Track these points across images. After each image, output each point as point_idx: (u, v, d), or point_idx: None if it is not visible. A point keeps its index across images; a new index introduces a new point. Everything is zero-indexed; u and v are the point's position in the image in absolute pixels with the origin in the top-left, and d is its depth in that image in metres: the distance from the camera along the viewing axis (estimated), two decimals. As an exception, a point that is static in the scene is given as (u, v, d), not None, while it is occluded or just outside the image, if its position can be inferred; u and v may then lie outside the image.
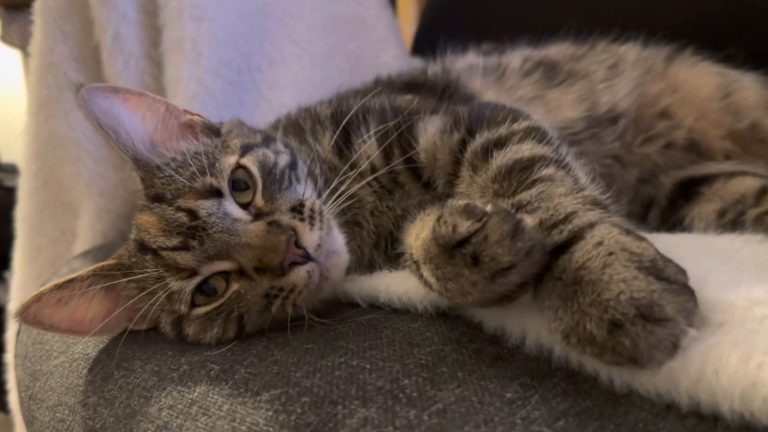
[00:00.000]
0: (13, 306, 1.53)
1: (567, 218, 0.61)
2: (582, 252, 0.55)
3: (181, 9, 1.29)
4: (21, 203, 1.48)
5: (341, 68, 1.58)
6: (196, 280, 0.75)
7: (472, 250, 0.55)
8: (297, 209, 0.77)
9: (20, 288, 1.51)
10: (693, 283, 0.52)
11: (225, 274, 0.75)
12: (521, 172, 0.71)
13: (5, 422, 2.60)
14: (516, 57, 1.21)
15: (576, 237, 0.57)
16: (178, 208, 0.76)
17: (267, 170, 0.81)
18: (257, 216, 0.77)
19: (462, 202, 0.59)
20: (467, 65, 1.19)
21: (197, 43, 1.29)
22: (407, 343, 0.65)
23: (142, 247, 0.78)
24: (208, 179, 0.78)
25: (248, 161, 0.81)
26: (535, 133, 0.78)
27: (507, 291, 0.56)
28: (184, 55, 1.28)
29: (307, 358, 0.65)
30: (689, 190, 1.08)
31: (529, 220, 0.57)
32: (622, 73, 1.19)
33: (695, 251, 0.73)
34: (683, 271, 0.52)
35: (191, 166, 0.79)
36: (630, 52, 1.24)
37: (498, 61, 1.20)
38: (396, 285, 0.76)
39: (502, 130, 0.80)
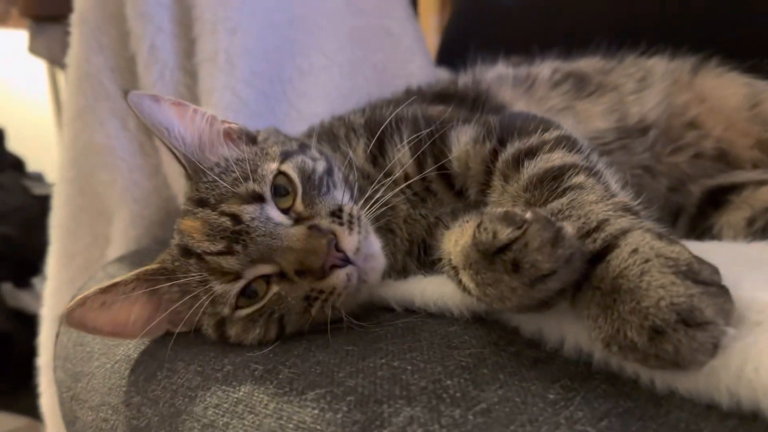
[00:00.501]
0: (46, 311, 1.57)
1: (599, 226, 0.61)
2: (618, 260, 0.55)
3: (216, 21, 1.32)
4: (56, 210, 1.51)
5: (368, 78, 1.60)
6: (240, 284, 0.77)
7: (512, 257, 0.56)
8: (336, 214, 0.79)
9: (54, 293, 1.54)
10: (728, 283, 0.53)
11: (265, 277, 0.77)
12: (552, 181, 0.72)
13: (32, 427, 2.64)
14: (545, 68, 1.23)
15: (610, 245, 0.58)
16: (222, 213, 0.78)
17: (306, 176, 0.83)
18: (298, 220, 0.79)
19: (502, 209, 0.61)
20: (497, 76, 1.21)
21: (231, 54, 1.32)
22: (446, 346, 0.66)
23: (186, 252, 0.80)
24: (251, 185, 0.80)
25: (288, 167, 0.83)
26: (566, 142, 0.80)
27: (546, 297, 0.57)
28: (218, 66, 1.31)
29: (348, 359, 0.66)
30: (718, 198, 1.08)
31: (569, 228, 0.58)
32: (651, 85, 1.20)
33: (726, 258, 0.73)
34: (717, 271, 0.54)
35: (234, 171, 0.82)
36: (658, 65, 1.25)
37: (527, 72, 1.22)
38: (431, 290, 0.77)
39: (533, 140, 0.81)
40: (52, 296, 1.55)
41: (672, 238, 0.58)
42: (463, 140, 0.88)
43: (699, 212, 1.10)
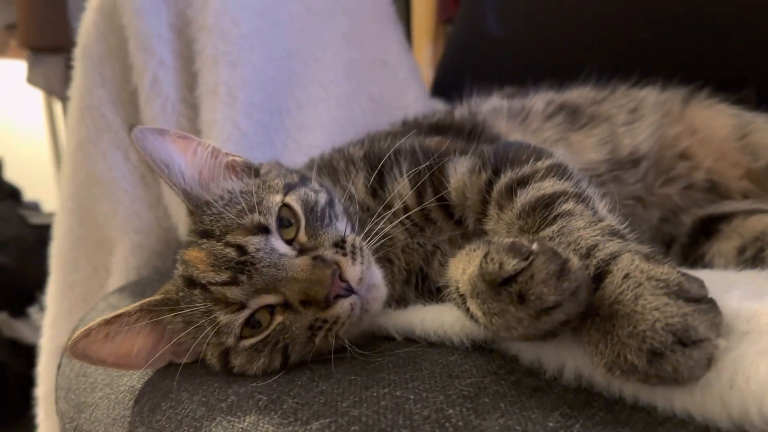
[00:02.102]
0: (45, 341, 1.57)
1: (589, 252, 0.64)
2: (613, 287, 0.58)
3: (217, 55, 1.35)
4: (56, 240, 1.52)
5: (365, 109, 1.63)
6: (245, 314, 0.78)
7: (518, 289, 0.57)
8: (339, 245, 0.81)
9: (53, 323, 1.54)
10: (716, 297, 0.56)
11: (270, 307, 0.79)
12: (543, 209, 0.74)
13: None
14: (539, 100, 1.26)
15: (603, 272, 0.60)
16: (227, 244, 0.80)
17: (309, 208, 0.85)
18: (301, 251, 0.81)
19: (509, 240, 0.62)
20: (492, 108, 1.24)
21: (231, 87, 1.34)
22: (447, 375, 0.68)
23: (190, 283, 0.81)
24: (256, 216, 0.82)
25: (291, 200, 0.85)
26: (557, 170, 0.83)
27: (551, 328, 0.58)
28: (219, 99, 1.33)
29: (351, 389, 0.68)
30: (709, 227, 1.10)
31: (575, 260, 0.58)
32: (642, 117, 1.22)
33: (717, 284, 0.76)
34: (703, 285, 0.57)
35: (239, 203, 0.84)
36: (649, 96, 1.28)
37: (522, 104, 1.24)
38: (431, 318, 0.79)
39: (526, 169, 0.84)
40: (51, 326, 1.55)
41: (659, 258, 0.61)
42: (460, 171, 0.91)
43: (691, 241, 1.12)
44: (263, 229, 0.81)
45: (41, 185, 3.83)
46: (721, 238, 1.07)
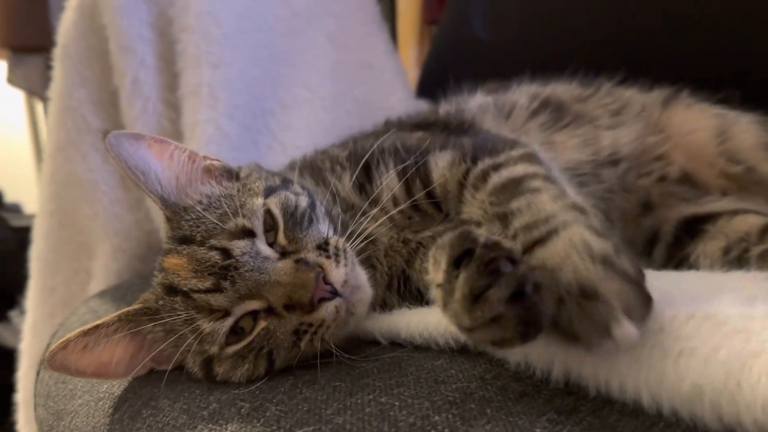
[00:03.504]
0: (25, 345, 1.54)
1: (547, 219, 0.66)
2: (553, 246, 0.60)
3: (199, 56, 1.33)
4: (36, 243, 1.50)
5: (350, 111, 1.62)
6: (229, 321, 0.77)
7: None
8: (322, 247, 0.80)
9: (33, 327, 1.52)
10: (707, 297, 0.57)
11: (253, 313, 0.77)
12: (514, 186, 0.76)
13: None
14: (522, 95, 1.26)
15: (552, 233, 0.62)
16: (211, 248, 0.78)
17: (289, 212, 0.84)
18: (283, 254, 0.79)
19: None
20: (478, 105, 1.23)
21: (214, 88, 1.33)
22: (433, 381, 0.67)
23: (171, 290, 0.80)
24: (240, 220, 0.80)
25: (271, 203, 0.84)
26: (529, 157, 0.85)
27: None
28: (201, 100, 1.32)
29: (336, 396, 0.66)
30: (693, 227, 1.10)
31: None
32: (625, 122, 1.23)
33: (706, 285, 0.76)
34: (640, 271, 0.57)
35: (220, 207, 0.82)
36: (634, 98, 1.28)
37: (505, 100, 1.24)
38: (416, 321, 0.78)
39: (501, 158, 0.85)
40: (31, 330, 1.53)
41: (608, 235, 0.62)
42: (441, 165, 0.91)
43: (675, 240, 1.12)
44: (248, 233, 0.80)
45: (22, 187, 3.78)
46: (706, 238, 1.07)
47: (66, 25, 1.42)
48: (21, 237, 1.84)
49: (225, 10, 1.42)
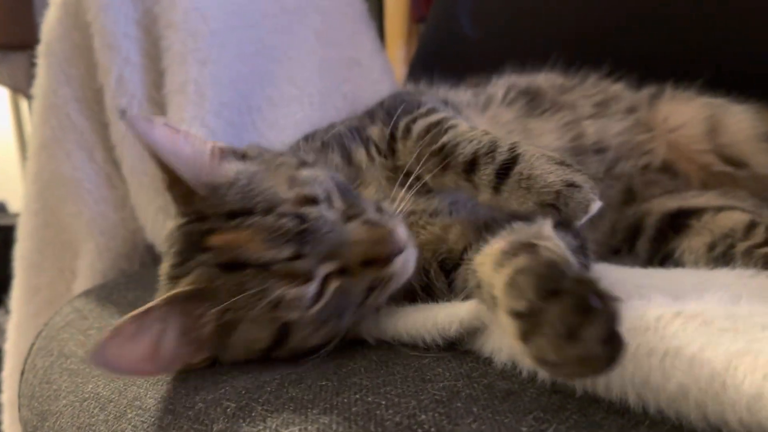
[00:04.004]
0: (10, 346, 1.53)
1: (494, 143, 0.86)
2: (525, 162, 0.82)
3: (185, 53, 1.32)
4: (20, 242, 1.49)
5: (338, 109, 1.62)
6: (315, 284, 0.76)
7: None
8: (380, 210, 0.84)
9: (17, 327, 1.51)
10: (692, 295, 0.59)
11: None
12: (435, 128, 0.93)
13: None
14: (500, 86, 1.27)
15: (515, 153, 0.84)
16: (281, 215, 0.77)
17: (335, 181, 0.86)
18: (348, 218, 0.81)
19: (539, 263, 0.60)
20: (461, 101, 1.23)
21: (200, 85, 1.32)
22: (420, 379, 0.67)
23: (234, 266, 0.77)
24: (299, 189, 0.81)
25: (320, 173, 0.86)
26: (436, 109, 1.02)
27: None
28: (187, 98, 1.31)
29: (322, 395, 0.66)
30: (678, 222, 1.11)
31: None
32: (612, 115, 1.24)
33: (694, 283, 0.76)
34: (580, 170, 0.81)
35: (266, 180, 0.83)
36: (622, 94, 1.29)
37: (484, 92, 1.26)
38: (403, 320, 0.79)
39: (416, 114, 1.00)
40: (15, 330, 1.51)
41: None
42: (374, 136, 1.02)
43: (659, 234, 1.12)
44: (311, 200, 0.80)
45: (7, 185, 3.75)
46: (691, 234, 1.07)
47: (50, 22, 1.40)
48: (6, 236, 1.83)
49: (212, 7, 1.40)
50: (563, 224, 0.80)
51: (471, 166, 0.87)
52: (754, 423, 0.46)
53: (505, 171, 0.83)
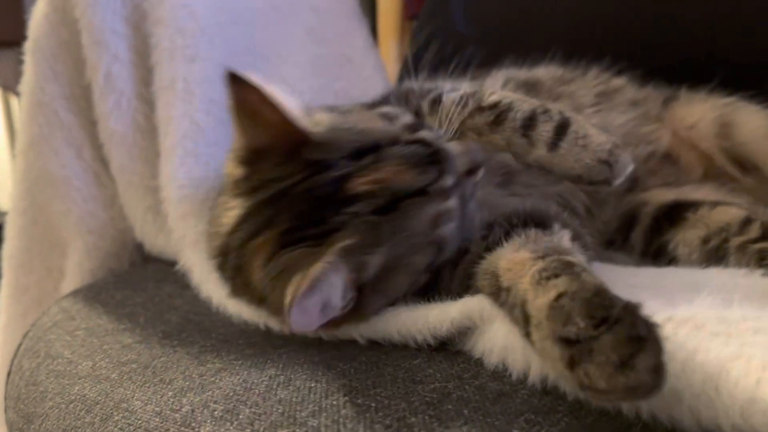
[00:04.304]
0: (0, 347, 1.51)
1: (545, 106, 0.91)
2: (578, 124, 0.88)
3: (174, 49, 1.31)
4: (8, 241, 1.47)
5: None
6: (454, 198, 0.82)
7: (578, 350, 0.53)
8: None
9: (5, 327, 1.48)
10: (685, 297, 0.58)
11: None
12: (472, 96, 0.95)
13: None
14: (498, 79, 1.27)
15: (568, 117, 0.89)
16: (408, 143, 0.80)
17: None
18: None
19: (594, 283, 0.59)
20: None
21: (189, 82, 1.30)
22: (410, 381, 0.66)
23: (392, 202, 0.76)
24: (401, 120, 0.86)
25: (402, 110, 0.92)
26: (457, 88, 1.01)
27: None
28: (176, 94, 1.29)
29: (311, 397, 0.65)
30: (675, 214, 1.10)
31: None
32: (615, 107, 1.23)
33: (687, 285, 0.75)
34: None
35: (366, 121, 0.86)
36: (625, 87, 1.29)
37: (482, 83, 1.25)
38: (394, 318, 0.78)
39: (436, 92, 1.01)
40: (3, 330, 1.49)
41: None
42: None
43: (655, 225, 1.11)
44: (415, 128, 0.84)
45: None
46: (686, 226, 1.06)
47: (37, 18, 1.38)
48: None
49: (201, 3, 1.39)
50: (566, 224, 0.85)
51: (529, 121, 0.90)
52: (748, 428, 0.45)
53: (562, 129, 0.88)
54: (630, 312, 0.52)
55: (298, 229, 0.75)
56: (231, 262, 0.83)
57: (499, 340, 0.66)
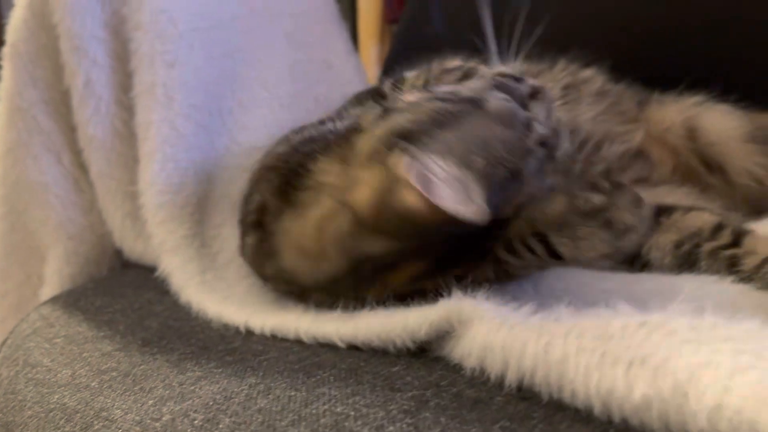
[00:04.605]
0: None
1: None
2: None
3: (153, 54, 1.30)
4: (-14, 247, 1.46)
5: (310, 111, 1.60)
6: None
7: (606, 216, 0.75)
8: None
9: (-17, 334, 1.48)
10: (657, 303, 0.60)
11: None
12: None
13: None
14: None
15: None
16: None
17: None
18: None
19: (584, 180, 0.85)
20: None
21: (169, 87, 1.30)
22: (389, 388, 0.67)
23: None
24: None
25: None
26: None
27: (626, 249, 0.82)
28: (155, 100, 1.29)
29: (291, 406, 0.66)
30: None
31: (642, 195, 0.82)
32: (583, 99, 1.26)
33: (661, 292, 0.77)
34: None
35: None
36: (594, 79, 1.31)
37: None
38: (375, 322, 0.79)
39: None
40: (-19, 337, 1.49)
41: None
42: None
43: None
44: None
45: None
46: (660, 230, 1.08)
47: (15, 23, 1.37)
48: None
49: (180, 8, 1.38)
50: None
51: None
52: (714, 434, 0.47)
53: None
54: (620, 183, 0.84)
55: None
56: None
57: (478, 341, 0.67)
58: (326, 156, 0.86)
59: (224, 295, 1.08)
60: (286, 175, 0.91)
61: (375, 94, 1.11)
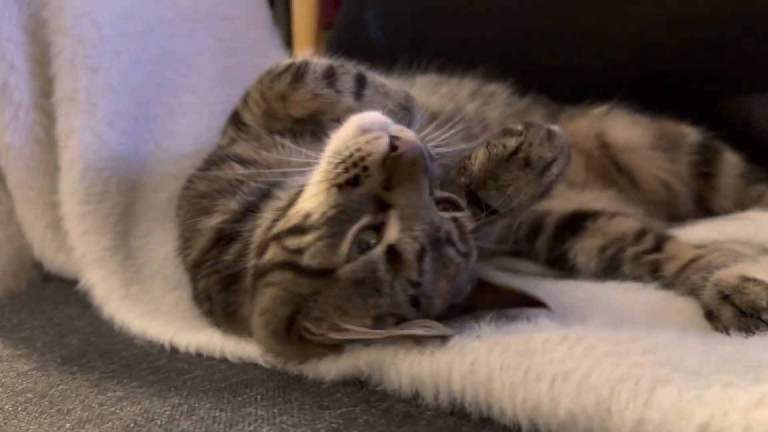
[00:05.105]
0: None
1: (342, 64, 0.96)
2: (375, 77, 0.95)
3: (75, 59, 1.25)
4: None
5: (241, 117, 1.58)
6: None
7: (523, 156, 0.77)
8: None
9: None
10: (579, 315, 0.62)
11: None
12: None
13: None
14: None
15: (362, 74, 0.94)
16: None
17: None
18: None
19: (499, 129, 0.83)
20: None
21: (92, 93, 1.25)
22: (317, 406, 0.66)
23: None
24: None
25: None
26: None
27: (550, 184, 0.79)
28: (77, 106, 1.24)
29: (215, 427, 0.64)
30: (574, 224, 1.15)
31: (556, 127, 0.81)
32: (491, 102, 1.32)
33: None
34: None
35: None
36: (499, 92, 1.37)
37: None
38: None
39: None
40: None
41: None
42: None
43: (557, 233, 1.16)
44: None
45: None
46: (585, 235, 1.12)
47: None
48: None
49: (104, 12, 1.33)
50: None
51: (330, 73, 0.93)
52: (637, 448, 0.47)
53: (361, 79, 0.93)
54: (531, 121, 0.82)
55: None
56: None
57: (404, 374, 0.66)
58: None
59: (149, 309, 1.04)
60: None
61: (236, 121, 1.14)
